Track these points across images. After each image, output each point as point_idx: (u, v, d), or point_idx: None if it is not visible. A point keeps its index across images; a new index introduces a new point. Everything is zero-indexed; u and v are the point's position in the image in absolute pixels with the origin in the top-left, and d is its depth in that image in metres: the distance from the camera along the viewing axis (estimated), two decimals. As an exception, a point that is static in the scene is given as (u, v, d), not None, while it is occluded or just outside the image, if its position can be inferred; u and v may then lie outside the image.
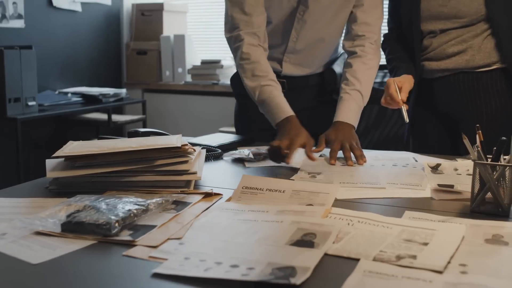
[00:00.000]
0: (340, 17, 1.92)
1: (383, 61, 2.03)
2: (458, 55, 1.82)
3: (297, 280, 0.85)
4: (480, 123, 1.32)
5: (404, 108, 1.77)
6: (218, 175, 1.60)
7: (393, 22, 2.02)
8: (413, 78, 1.89)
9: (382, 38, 2.00)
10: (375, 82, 1.98)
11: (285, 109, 1.79)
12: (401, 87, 1.81)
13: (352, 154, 1.69)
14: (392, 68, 1.99)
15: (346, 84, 1.87)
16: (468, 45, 1.80)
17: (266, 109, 1.83)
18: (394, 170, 1.62)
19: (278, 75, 2.03)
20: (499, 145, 1.23)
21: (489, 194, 1.22)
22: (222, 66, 4.32)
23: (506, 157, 1.24)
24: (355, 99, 1.84)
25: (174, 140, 1.43)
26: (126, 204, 1.16)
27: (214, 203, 1.28)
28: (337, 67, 2.08)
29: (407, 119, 1.77)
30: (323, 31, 1.93)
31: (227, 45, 1.96)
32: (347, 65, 1.91)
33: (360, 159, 1.68)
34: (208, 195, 1.33)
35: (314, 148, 1.71)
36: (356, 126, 1.81)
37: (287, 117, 1.77)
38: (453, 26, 1.81)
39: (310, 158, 1.67)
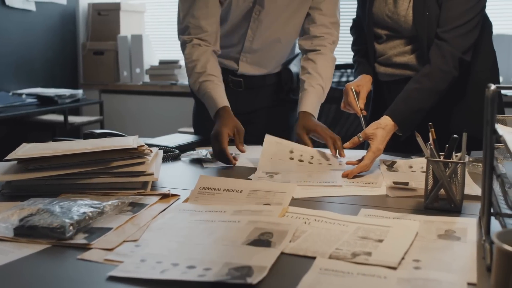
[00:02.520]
0: (296, 19, 1.94)
1: (340, 61, 2.05)
2: (402, 67, 1.85)
3: (254, 279, 0.86)
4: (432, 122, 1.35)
5: (362, 117, 1.80)
6: (176, 176, 1.59)
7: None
8: (372, 78, 1.92)
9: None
10: (332, 82, 2.00)
11: (217, 102, 1.80)
12: (359, 91, 1.84)
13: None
14: (355, 61, 2.02)
15: (309, 78, 1.89)
16: (409, 58, 1.83)
17: (206, 105, 1.85)
18: (351, 168, 1.64)
19: (235, 74, 2.03)
20: (451, 142, 1.26)
21: (442, 191, 1.25)
22: (180, 66, 4.29)
23: (458, 154, 1.27)
24: (318, 93, 1.88)
25: (131, 141, 1.42)
26: (81, 206, 1.14)
27: (171, 204, 1.27)
28: (294, 67, 2.10)
29: (365, 128, 1.80)
30: (279, 31, 1.95)
31: (185, 45, 1.96)
32: (307, 60, 1.93)
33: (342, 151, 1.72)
34: (165, 196, 1.33)
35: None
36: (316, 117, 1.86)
37: (217, 110, 1.78)
38: (397, 36, 1.84)
39: (240, 150, 1.72)
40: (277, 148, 1.71)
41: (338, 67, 2.70)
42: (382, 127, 1.64)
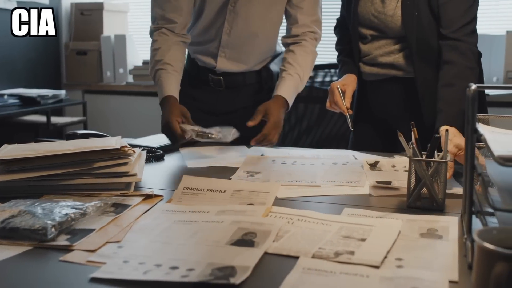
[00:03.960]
0: (272, 14, 1.97)
1: (324, 60, 2.06)
2: (387, 66, 1.86)
3: (237, 279, 0.85)
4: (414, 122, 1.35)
5: (348, 116, 1.80)
6: (159, 177, 1.59)
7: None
8: (356, 77, 1.93)
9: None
10: (316, 82, 2.01)
11: (164, 90, 1.85)
12: (345, 90, 1.85)
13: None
14: (339, 60, 2.04)
15: (287, 67, 1.95)
16: (395, 58, 1.84)
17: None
18: (333, 168, 1.65)
19: (215, 72, 2.04)
20: (433, 141, 1.26)
21: (424, 190, 1.25)
22: (164, 67, 4.28)
23: (440, 153, 1.28)
24: (295, 81, 1.93)
25: (113, 142, 1.41)
26: (63, 208, 1.13)
27: (154, 205, 1.27)
28: (274, 66, 2.11)
29: (351, 127, 1.82)
30: (256, 25, 1.97)
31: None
32: (288, 51, 1.99)
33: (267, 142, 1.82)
34: (148, 197, 1.32)
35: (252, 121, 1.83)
36: (290, 107, 1.92)
37: (164, 98, 1.85)
38: (383, 36, 1.85)
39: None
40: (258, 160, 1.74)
41: (322, 66, 2.71)
42: (447, 130, 1.43)
